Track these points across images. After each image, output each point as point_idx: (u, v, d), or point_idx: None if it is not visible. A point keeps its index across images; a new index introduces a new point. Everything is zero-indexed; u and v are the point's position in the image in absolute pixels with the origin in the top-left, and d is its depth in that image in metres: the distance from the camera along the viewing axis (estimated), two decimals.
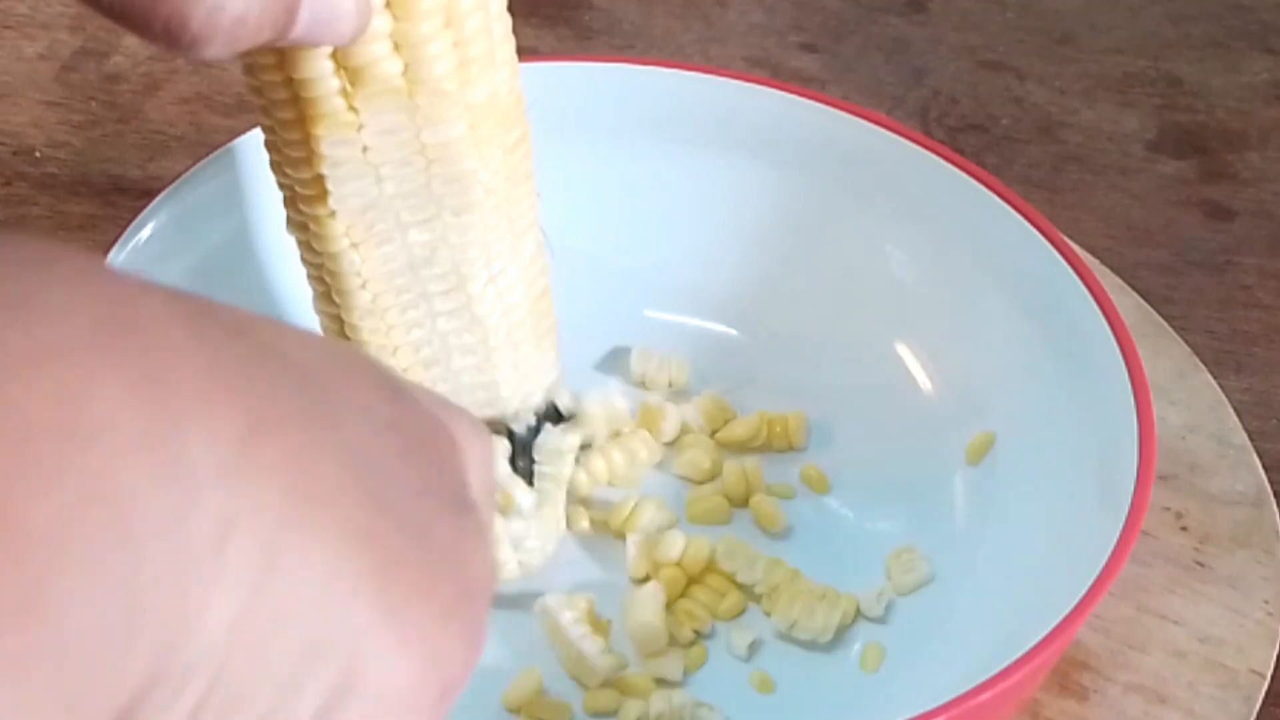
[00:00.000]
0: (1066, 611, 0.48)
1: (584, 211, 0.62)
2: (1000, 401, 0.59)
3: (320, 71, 0.44)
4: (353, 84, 0.44)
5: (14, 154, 0.73)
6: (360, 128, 0.45)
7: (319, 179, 0.46)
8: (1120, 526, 0.50)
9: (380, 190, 0.46)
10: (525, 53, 0.48)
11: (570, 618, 0.54)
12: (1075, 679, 0.55)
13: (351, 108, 0.44)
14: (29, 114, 0.75)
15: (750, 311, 0.64)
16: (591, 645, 0.54)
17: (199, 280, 0.56)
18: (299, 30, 0.39)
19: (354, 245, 0.47)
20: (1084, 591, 0.48)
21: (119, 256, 0.55)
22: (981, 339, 0.60)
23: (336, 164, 0.46)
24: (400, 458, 0.29)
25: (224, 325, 0.27)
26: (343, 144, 0.45)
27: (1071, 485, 0.54)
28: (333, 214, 0.46)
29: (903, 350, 0.62)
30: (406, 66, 0.44)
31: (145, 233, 0.56)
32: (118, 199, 0.71)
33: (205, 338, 0.26)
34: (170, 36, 0.37)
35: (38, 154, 0.73)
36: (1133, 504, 0.50)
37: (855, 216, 0.62)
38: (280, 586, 0.26)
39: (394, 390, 0.31)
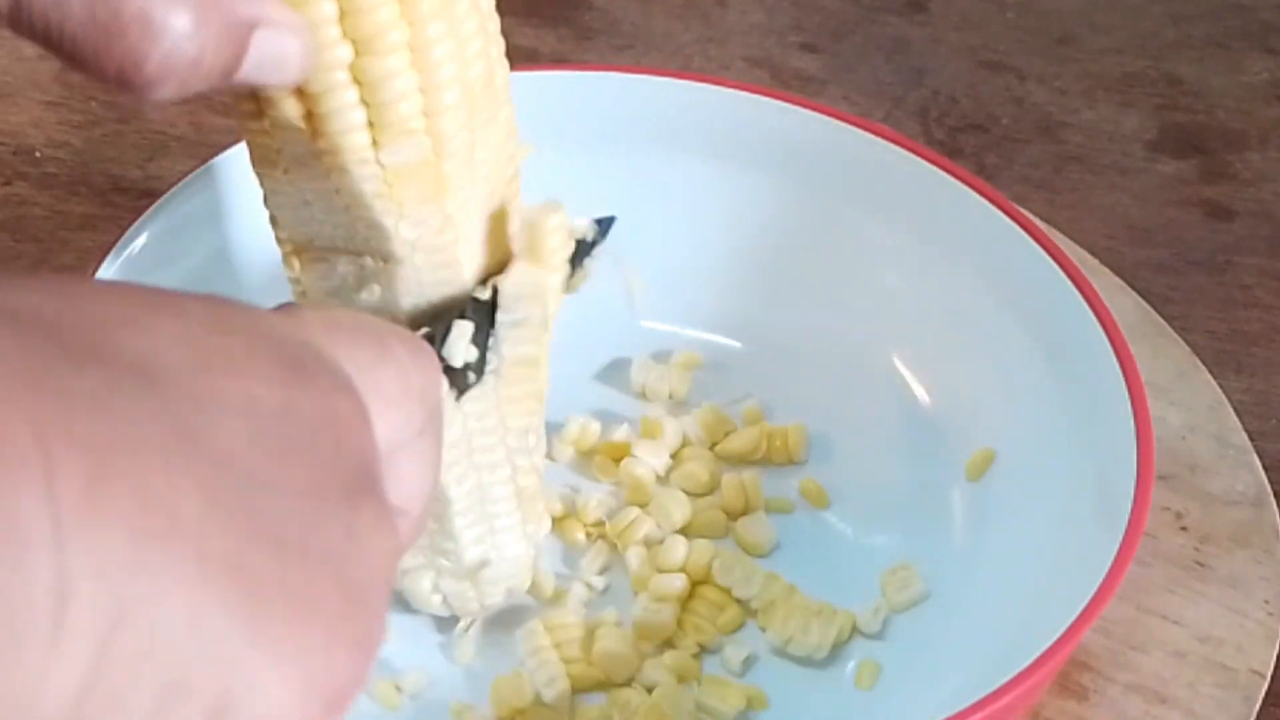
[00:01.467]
0: (1062, 630, 0.48)
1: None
2: (998, 416, 0.58)
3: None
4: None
5: (14, 154, 0.73)
6: (278, 151, 0.45)
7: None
8: (1118, 544, 0.49)
9: (310, 213, 0.46)
10: (525, 53, 0.48)
11: (536, 646, 0.54)
12: (1075, 679, 0.55)
13: (267, 132, 0.44)
14: (29, 114, 0.75)
15: (748, 323, 0.64)
16: (543, 675, 0.53)
17: (197, 285, 0.56)
18: (245, 71, 0.38)
19: (294, 253, 0.47)
20: (1080, 610, 0.48)
21: (114, 264, 0.55)
22: (980, 352, 0.59)
23: (272, 192, 0.46)
24: (283, 456, 0.28)
25: (72, 347, 0.25)
26: (271, 182, 0.46)
27: (1069, 502, 0.54)
28: (273, 220, 0.47)
29: (900, 363, 0.62)
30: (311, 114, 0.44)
31: (140, 241, 0.56)
32: (117, 199, 0.71)
33: (42, 372, 0.24)
34: (123, 78, 0.36)
35: (38, 154, 0.73)
36: (1130, 520, 0.50)
37: (853, 227, 0.62)
38: (133, 635, 0.25)
39: (291, 366, 0.29)
